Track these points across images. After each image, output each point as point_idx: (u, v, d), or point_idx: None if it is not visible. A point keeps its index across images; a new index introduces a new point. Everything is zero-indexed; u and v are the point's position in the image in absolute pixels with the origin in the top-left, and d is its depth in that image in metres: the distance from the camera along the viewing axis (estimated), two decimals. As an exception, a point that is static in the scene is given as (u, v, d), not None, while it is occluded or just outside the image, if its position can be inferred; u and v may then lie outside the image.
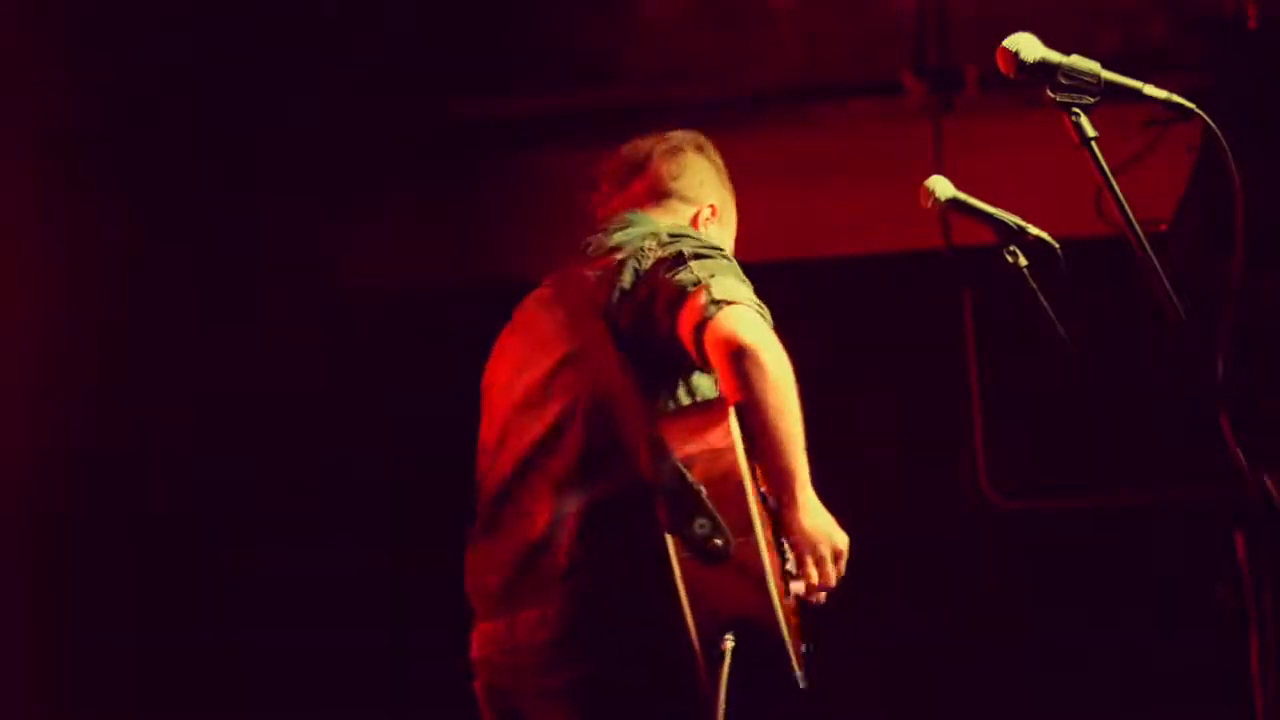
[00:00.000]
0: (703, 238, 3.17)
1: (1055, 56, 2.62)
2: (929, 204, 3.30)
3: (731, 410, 2.87)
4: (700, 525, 2.77)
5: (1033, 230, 3.20)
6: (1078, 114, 2.59)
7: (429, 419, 5.81)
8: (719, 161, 3.51)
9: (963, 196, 3.27)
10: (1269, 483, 2.43)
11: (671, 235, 3.11)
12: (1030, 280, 3.17)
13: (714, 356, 2.88)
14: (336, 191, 5.82)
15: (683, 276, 2.96)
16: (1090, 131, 2.58)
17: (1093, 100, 2.59)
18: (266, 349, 5.46)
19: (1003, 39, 2.65)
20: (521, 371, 3.20)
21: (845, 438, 5.57)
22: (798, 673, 2.84)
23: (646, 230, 3.18)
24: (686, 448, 2.85)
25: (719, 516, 2.77)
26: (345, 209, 5.90)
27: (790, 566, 3.01)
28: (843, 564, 3.03)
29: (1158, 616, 5.63)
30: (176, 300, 5.35)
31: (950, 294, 5.75)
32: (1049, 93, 2.60)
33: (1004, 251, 3.21)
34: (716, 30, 5.90)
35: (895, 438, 5.84)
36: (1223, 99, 5.08)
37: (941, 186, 3.28)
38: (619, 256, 3.12)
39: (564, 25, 5.99)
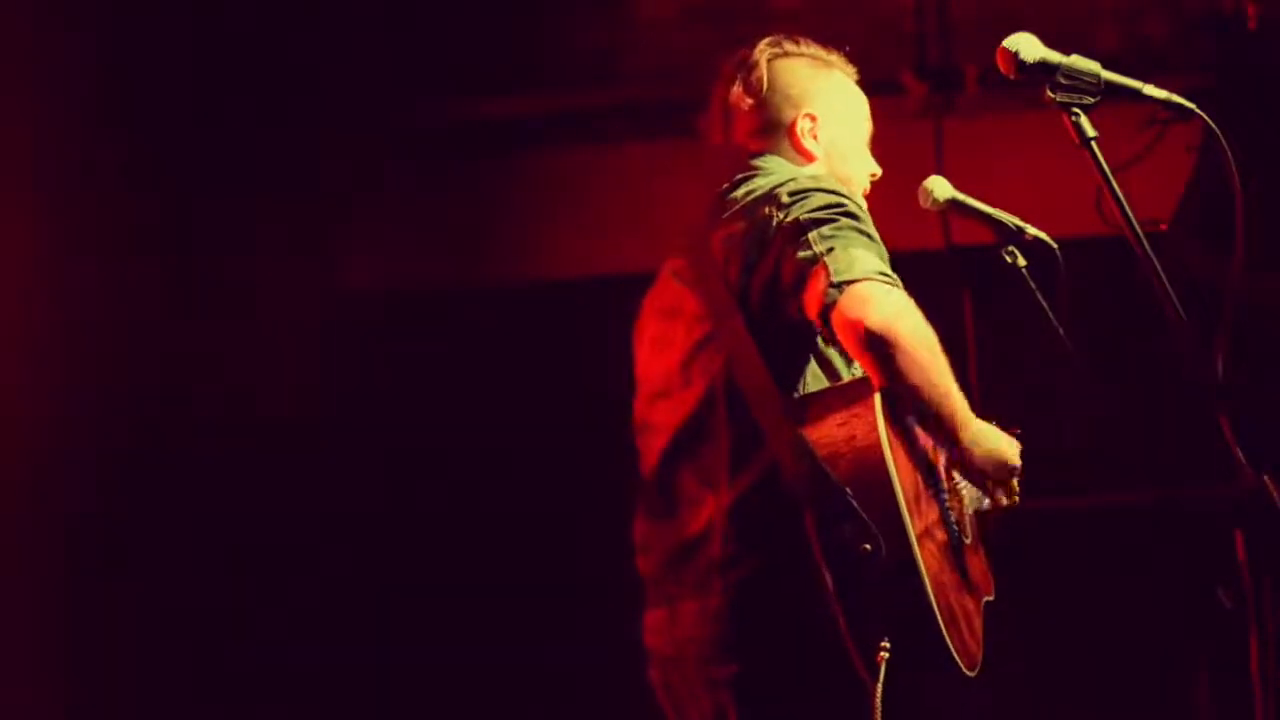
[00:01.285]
0: (821, 183, 2.96)
1: (1055, 56, 2.62)
2: (929, 204, 3.29)
3: (877, 397, 2.75)
4: (847, 529, 2.68)
5: (1032, 230, 3.20)
6: (1078, 114, 2.59)
7: (429, 418, 5.82)
8: (808, 51, 3.22)
9: (962, 196, 3.26)
10: (1269, 483, 2.43)
11: (791, 195, 2.92)
12: (1030, 280, 3.17)
13: (846, 345, 2.77)
14: (336, 191, 5.82)
15: (803, 255, 2.80)
16: (1090, 131, 2.58)
17: (1093, 100, 2.59)
18: (266, 349, 5.46)
19: (1003, 39, 2.65)
20: (660, 351, 3.09)
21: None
22: (962, 668, 2.76)
23: (765, 187, 2.99)
24: (829, 444, 2.75)
25: (866, 519, 2.68)
26: (345, 209, 5.90)
27: (969, 503, 2.98)
28: (1019, 474, 2.95)
29: (1158, 616, 5.63)
30: (176, 300, 5.35)
31: (950, 294, 5.75)
32: (1049, 93, 2.60)
33: (1004, 251, 3.21)
34: (717, 30, 5.90)
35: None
36: (1223, 99, 5.08)
37: (941, 186, 3.27)
38: (741, 226, 2.96)
39: (564, 25, 5.99)
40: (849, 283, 2.73)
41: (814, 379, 2.89)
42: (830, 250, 2.79)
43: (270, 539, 5.38)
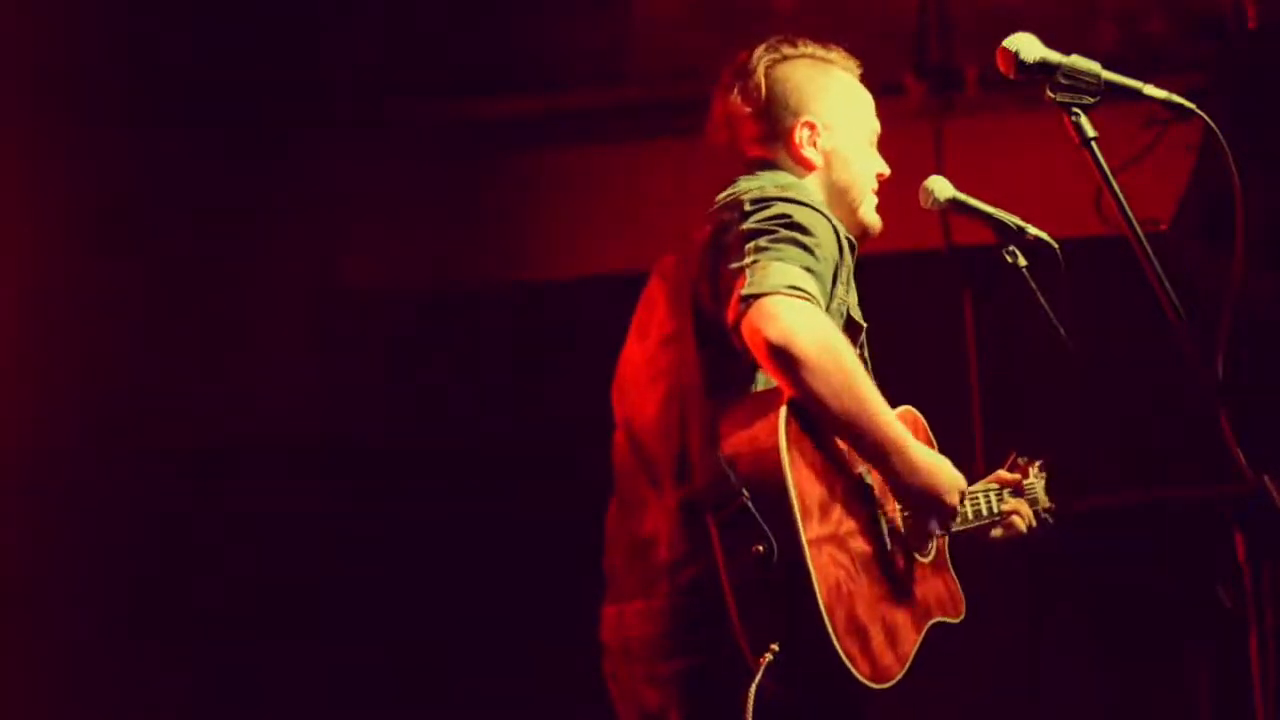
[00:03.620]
0: (788, 192, 2.98)
1: (1055, 56, 2.62)
2: (929, 204, 3.29)
3: (784, 405, 2.77)
4: (743, 530, 2.71)
5: (1032, 230, 3.20)
6: (1078, 114, 2.59)
7: (430, 417, 5.81)
8: (808, 51, 3.20)
9: (963, 196, 3.27)
10: (1269, 483, 2.43)
11: (753, 203, 2.94)
12: (1030, 280, 3.17)
13: (755, 356, 2.79)
14: (336, 191, 5.82)
15: (734, 264, 2.84)
16: (1090, 131, 2.58)
17: (1093, 100, 2.59)
18: (267, 349, 5.46)
19: (1003, 39, 2.65)
20: (635, 345, 3.13)
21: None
22: (858, 677, 2.76)
23: (738, 193, 3.02)
24: (734, 446, 2.78)
25: (761, 520, 2.70)
26: (346, 209, 5.90)
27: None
28: (956, 513, 2.98)
29: (1158, 617, 5.63)
30: (176, 300, 5.35)
31: (950, 294, 5.75)
32: (1049, 93, 2.60)
33: (1004, 251, 3.21)
34: (716, 30, 5.90)
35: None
36: (1223, 99, 5.07)
37: (941, 186, 3.27)
38: (708, 230, 2.99)
39: (564, 25, 5.99)
40: (757, 296, 2.76)
41: (766, 382, 2.90)
42: (755, 262, 2.81)
43: (270, 538, 5.38)
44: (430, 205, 6.08)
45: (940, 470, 2.95)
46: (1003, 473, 3.48)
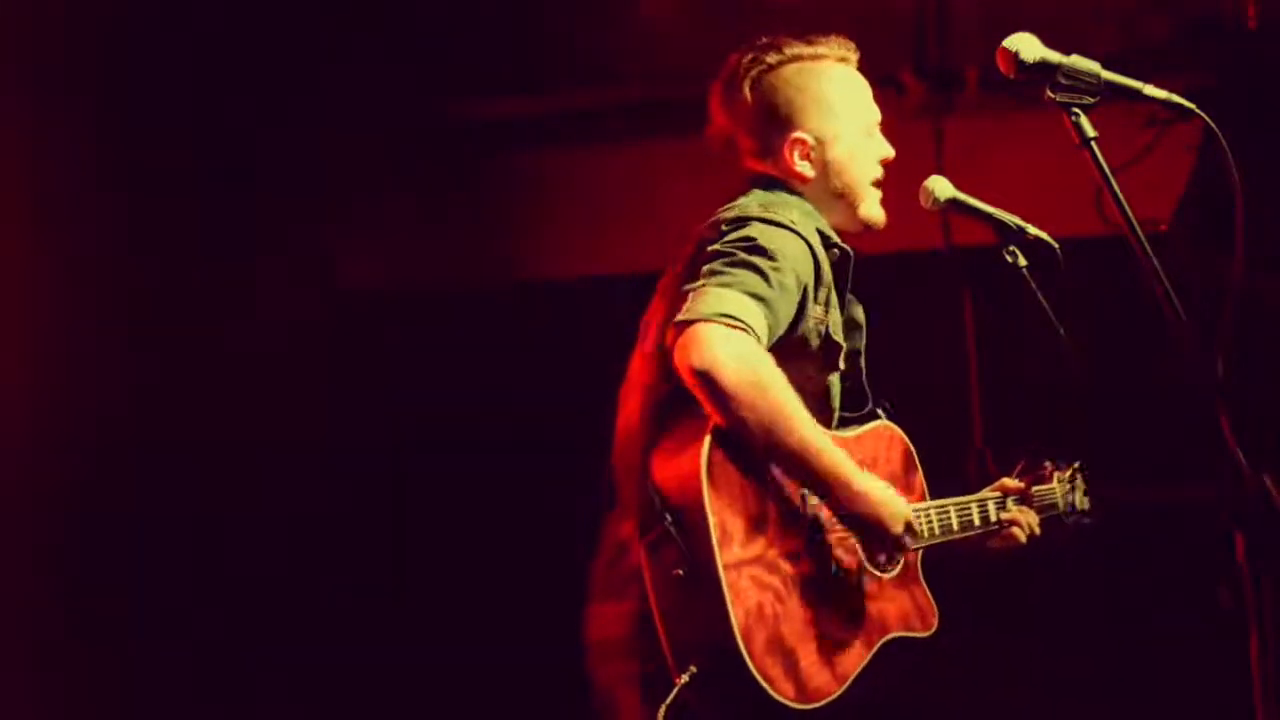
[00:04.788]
0: (768, 212, 3.00)
1: (1055, 56, 2.62)
2: (929, 204, 3.29)
3: (709, 433, 2.80)
4: (666, 553, 2.76)
5: (1033, 230, 3.20)
6: (1078, 114, 2.59)
7: (430, 418, 5.81)
8: (793, 53, 3.18)
9: (963, 196, 3.27)
10: (1269, 483, 2.43)
11: (728, 223, 2.98)
12: (1030, 280, 3.17)
13: (684, 383, 2.82)
14: (336, 191, 5.82)
15: (687, 286, 2.88)
16: (1090, 131, 2.58)
17: (1092, 100, 2.59)
18: (266, 349, 5.46)
19: (1003, 39, 2.65)
20: (637, 351, 3.15)
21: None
22: (776, 697, 2.78)
23: (726, 211, 3.05)
24: (662, 469, 2.83)
25: (681, 543, 2.75)
26: (345, 209, 5.90)
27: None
28: (900, 545, 3.00)
29: (1158, 616, 5.63)
30: (176, 300, 5.35)
31: (950, 294, 5.75)
32: (1049, 93, 2.60)
33: (1004, 251, 3.21)
34: (716, 30, 5.89)
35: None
36: (1223, 99, 5.07)
37: (941, 186, 3.27)
38: (692, 247, 3.02)
39: (564, 25, 5.98)
40: (690, 322, 2.79)
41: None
42: (702, 286, 2.85)
43: (270, 538, 5.39)
44: (430, 205, 6.08)
45: (882, 502, 2.97)
46: (1007, 480, 3.48)
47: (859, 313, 3.23)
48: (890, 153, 3.24)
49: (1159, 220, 5.35)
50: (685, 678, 2.74)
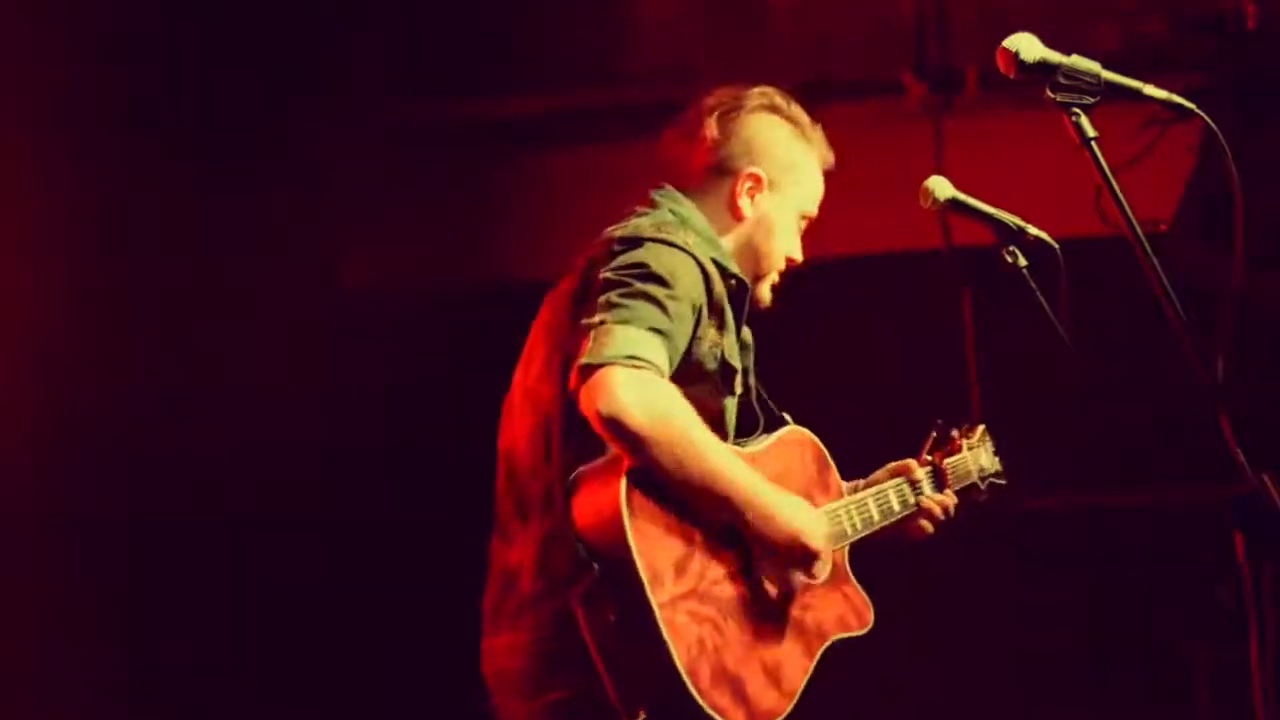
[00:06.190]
0: (661, 232, 3.01)
1: (1055, 56, 2.61)
2: (929, 204, 3.30)
3: (624, 475, 2.79)
4: (599, 602, 2.76)
5: (1032, 230, 3.20)
6: (1078, 114, 2.59)
7: (430, 418, 5.81)
8: (796, 116, 3.26)
9: (962, 196, 3.27)
10: (1269, 483, 2.43)
11: (621, 242, 2.99)
12: (1030, 280, 3.17)
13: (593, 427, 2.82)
14: (336, 191, 5.82)
15: (585, 320, 2.87)
16: (1090, 131, 2.58)
17: (1093, 100, 2.59)
18: (267, 349, 5.46)
19: (1003, 39, 2.65)
20: (521, 374, 3.15)
21: (844, 438, 5.57)
22: None
23: (624, 226, 3.06)
24: (584, 516, 2.81)
25: (613, 590, 2.75)
26: (345, 209, 5.90)
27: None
28: (819, 560, 3.01)
29: (1158, 616, 5.63)
30: (176, 300, 5.35)
31: (950, 294, 5.75)
32: (1049, 93, 2.60)
33: (1004, 251, 3.21)
34: (716, 30, 5.90)
35: (894, 437, 5.84)
36: (1223, 99, 5.07)
37: (941, 186, 3.27)
38: (584, 261, 3.03)
39: (564, 25, 5.98)
40: (595, 366, 2.78)
41: None
42: (601, 323, 2.84)
43: (270, 537, 5.38)
44: (430, 205, 6.08)
45: (796, 514, 2.96)
46: (911, 462, 3.48)
47: (748, 334, 3.22)
48: (799, 257, 3.28)
49: (1159, 220, 5.35)
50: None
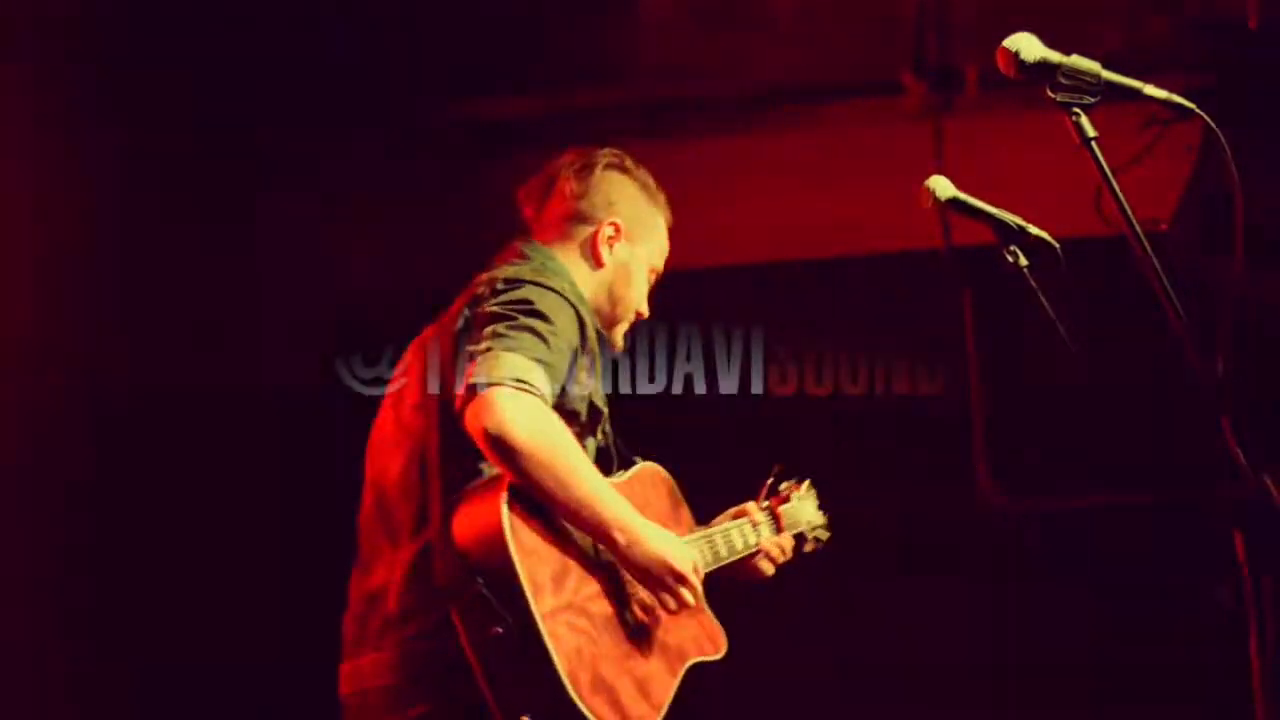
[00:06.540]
0: (540, 276, 3.16)
1: (1055, 56, 2.62)
2: (929, 204, 3.30)
3: (504, 491, 2.92)
4: (481, 614, 2.86)
5: (1033, 230, 3.20)
6: (1078, 114, 2.59)
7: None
8: (644, 179, 3.50)
9: (963, 196, 3.26)
10: (1269, 483, 2.43)
11: (505, 282, 3.14)
12: (1030, 280, 3.17)
13: (476, 444, 2.94)
14: (336, 191, 5.82)
15: (471, 348, 3.00)
16: (1090, 131, 2.58)
17: (1093, 100, 2.59)
18: (266, 349, 5.46)
19: (1003, 38, 2.65)
20: (393, 405, 3.28)
21: (844, 438, 5.57)
22: None
23: (503, 270, 3.21)
24: (464, 532, 2.93)
25: (495, 603, 2.85)
26: (345, 209, 5.90)
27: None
28: (687, 584, 3.10)
29: (1158, 616, 5.63)
30: (176, 299, 5.35)
31: (950, 294, 5.75)
32: (1049, 93, 2.61)
33: (1004, 251, 3.21)
34: (716, 30, 5.90)
35: (895, 437, 5.84)
36: (1223, 99, 5.07)
37: (941, 186, 3.27)
38: (465, 299, 3.18)
39: (564, 25, 5.98)
40: (484, 385, 2.91)
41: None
42: (488, 350, 2.97)
43: (271, 537, 5.38)
44: (430, 205, 6.08)
45: (664, 541, 3.07)
46: (751, 505, 3.62)
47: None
48: (647, 312, 3.43)
49: (1159, 220, 5.35)
50: None
